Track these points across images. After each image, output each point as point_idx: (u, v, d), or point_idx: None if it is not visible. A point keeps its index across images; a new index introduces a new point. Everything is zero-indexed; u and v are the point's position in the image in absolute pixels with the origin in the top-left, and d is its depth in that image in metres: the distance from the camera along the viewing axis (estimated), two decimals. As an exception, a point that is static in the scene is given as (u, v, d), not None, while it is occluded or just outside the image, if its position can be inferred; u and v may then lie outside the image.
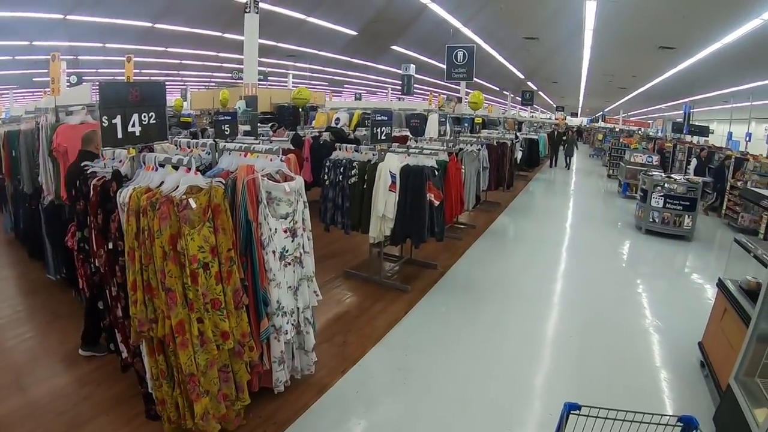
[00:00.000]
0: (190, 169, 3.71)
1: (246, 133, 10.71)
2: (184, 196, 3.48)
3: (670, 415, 2.70)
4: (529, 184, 20.77)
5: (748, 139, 27.46)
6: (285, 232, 4.20)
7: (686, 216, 12.95)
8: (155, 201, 3.45)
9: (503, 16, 15.58)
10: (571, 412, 2.75)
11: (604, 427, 2.61)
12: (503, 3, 14.14)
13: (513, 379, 5.52)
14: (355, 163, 7.28)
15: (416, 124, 14.91)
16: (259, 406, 4.51)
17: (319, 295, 4.84)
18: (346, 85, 43.77)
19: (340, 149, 7.78)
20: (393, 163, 7.04)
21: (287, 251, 4.24)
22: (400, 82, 24.54)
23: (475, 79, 26.15)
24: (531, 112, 54.68)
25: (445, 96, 26.28)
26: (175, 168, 3.78)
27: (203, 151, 4.99)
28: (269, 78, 29.33)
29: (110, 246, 3.96)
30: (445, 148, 9.21)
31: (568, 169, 27.17)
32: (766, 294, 4.47)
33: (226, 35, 19.07)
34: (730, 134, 30.67)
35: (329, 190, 7.54)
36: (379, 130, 7.63)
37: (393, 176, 6.91)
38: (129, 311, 3.69)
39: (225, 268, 3.67)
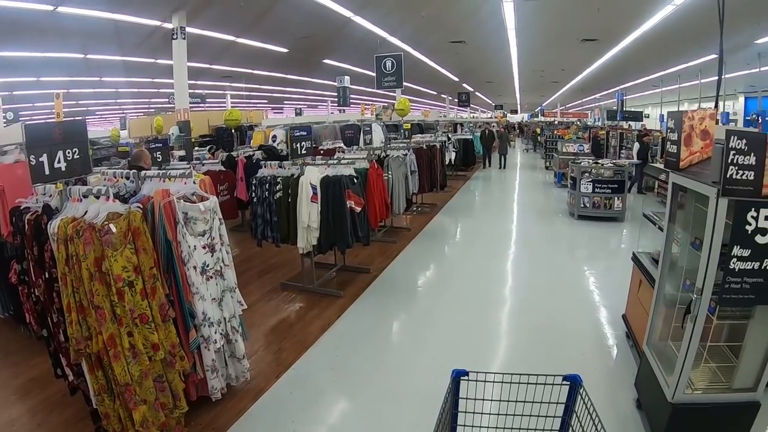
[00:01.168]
0: (108, 197, 4.07)
1: (181, 158, 10.93)
2: (105, 222, 3.80)
3: (555, 375, 2.80)
4: (467, 183, 21.14)
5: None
6: (204, 248, 4.49)
7: (616, 198, 13.51)
8: (80, 229, 3.77)
9: (427, 24, 15.84)
10: (461, 378, 2.88)
11: (494, 391, 2.75)
12: (425, 11, 14.46)
13: (443, 367, 5.58)
14: (279, 179, 7.55)
15: (350, 134, 15.25)
16: (198, 413, 4.81)
17: (244, 304, 5.14)
18: (285, 102, 43.63)
19: (265, 166, 8.04)
20: (313, 175, 7.38)
21: (208, 266, 4.53)
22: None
23: (411, 85, 26.50)
24: (471, 112, 55.19)
25: (382, 105, 26.53)
26: (97, 198, 4.13)
27: (128, 180, 5.29)
28: (207, 100, 29.36)
29: (47, 275, 4.23)
30: (365, 156, 9.50)
31: (503, 168, 26.32)
32: (665, 258, 4.80)
33: (159, 61, 19.03)
34: (662, 116, 31.40)
35: (257, 206, 7.80)
36: (299, 144, 7.87)
37: (314, 188, 7.25)
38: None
39: (149, 285, 3.98)
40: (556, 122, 46.66)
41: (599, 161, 15.43)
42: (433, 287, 8.86)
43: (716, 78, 21.73)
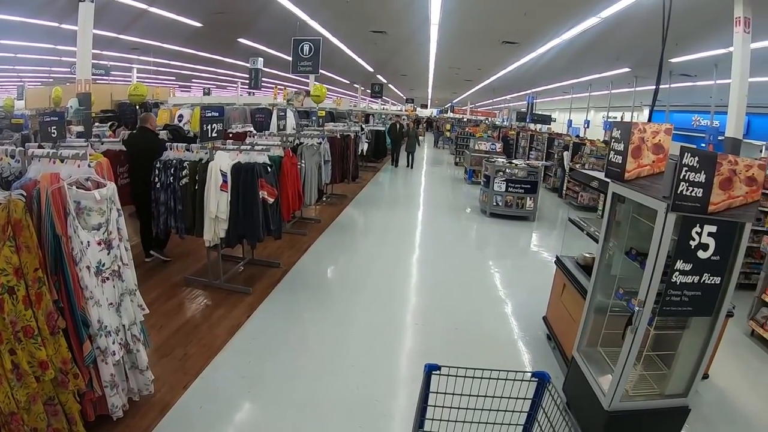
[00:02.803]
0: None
1: (79, 135, 10.14)
2: (-22, 213, 3.20)
3: (524, 371, 2.94)
4: (377, 175, 21.17)
5: (586, 125, 28.96)
6: (99, 244, 3.90)
7: (528, 198, 13.99)
8: (-54, 221, 3.16)
9: (350, 10, 15.45)
10: (433, 372, 2.96)
11: (464, 385, 2.85)
12: (350, -4, 14.07)
13: (362, 372, 5.58)
14: (185, 164, 6.94)
15: (261, 119, 14.73)
16: (99, 436, 4.28)
17: (145, 308, 4.56)
18: (194, 80, 42.28)
19: (170, 149, 7.39)
20: (224, 161, 6.83)
21: (103, 265, 3.95)
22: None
23: (325, 72, 26.04)
24: (382, 104, 55.29)
25: (294, 90, 25.97)
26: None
27: (13, 159, 4.67)
28: (112, 73, 28.02)
29: None
30: (280, 143, 9.00)
31: (411, 168, 24.33)
32: (599, 268, 4.93)
33: (64, 26, 17.86)
34: (570, 122, 32.23)
35: (161, 193, 7.13)
36: (209, 126, 7.30)
37: (224, 175, 6.71)
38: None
39: (33, 291, 3.39)
40: (465, 119, 47.35)
41: (514, 161, 15.83)
42: (346, 285, 8.50)
43: (629, 89, 22.35)
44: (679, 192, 3.54)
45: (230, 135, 11.73)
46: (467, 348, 6.27)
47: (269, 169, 7.31)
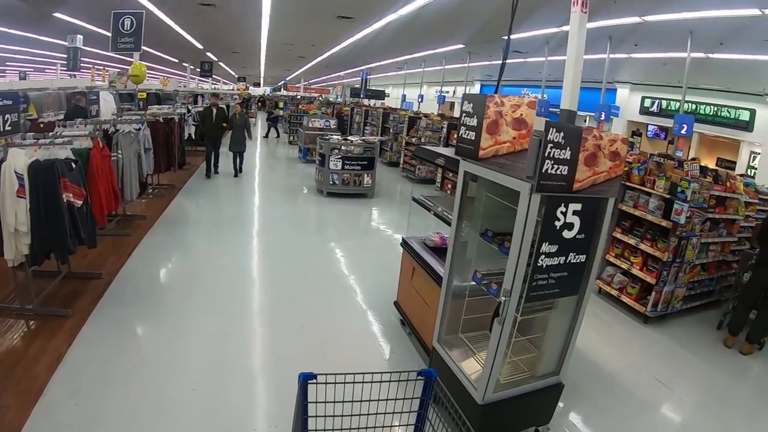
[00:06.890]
0: None
1: None
2: None
3: (409, 371, 2.83)
4: (208, 159, 19.98)
5: (420, 100, 29.51)
6: None
7: (365, 175, 14.33)
8: None
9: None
10: (309, 382, 2.82)
11: (345, 391, 2.68)
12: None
13: (206, 396, 4.97)
14: (-25, 167, 5.67)
15: (79, 104, 13.54)
16: None
17: None
18: (9, 63, 39.11)
19: None
20: (19, 160, 5.61)
21: None
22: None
23: (151, 50, 24.85)
24: (213, 83, 53.95)
25: (116, 71, 24.43)
26: None
27: None
28: None
29: None
30: (87, 132, 7.66)
31: (241, 173, 17.32)
32: (454, 253, 4.82)
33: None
34: (404, 96, 32.62)
35: None
36: (2, 118, 5.92)
37: (20, 177, 5.54)
38: None
39: None
40: (299, 97, 47.22)
41: (349, 138, 15.90)
42: (179, 288, 7.69)
43: (462, 65, 22.96)
44: (544, 171, 3.43)
45: (41, 125, 10.47)
46: (322, 346, 6.06)
47: (74, 166, 6.21)
